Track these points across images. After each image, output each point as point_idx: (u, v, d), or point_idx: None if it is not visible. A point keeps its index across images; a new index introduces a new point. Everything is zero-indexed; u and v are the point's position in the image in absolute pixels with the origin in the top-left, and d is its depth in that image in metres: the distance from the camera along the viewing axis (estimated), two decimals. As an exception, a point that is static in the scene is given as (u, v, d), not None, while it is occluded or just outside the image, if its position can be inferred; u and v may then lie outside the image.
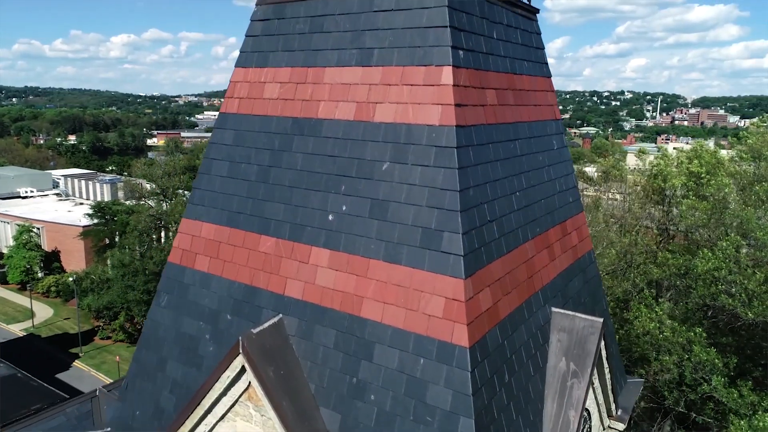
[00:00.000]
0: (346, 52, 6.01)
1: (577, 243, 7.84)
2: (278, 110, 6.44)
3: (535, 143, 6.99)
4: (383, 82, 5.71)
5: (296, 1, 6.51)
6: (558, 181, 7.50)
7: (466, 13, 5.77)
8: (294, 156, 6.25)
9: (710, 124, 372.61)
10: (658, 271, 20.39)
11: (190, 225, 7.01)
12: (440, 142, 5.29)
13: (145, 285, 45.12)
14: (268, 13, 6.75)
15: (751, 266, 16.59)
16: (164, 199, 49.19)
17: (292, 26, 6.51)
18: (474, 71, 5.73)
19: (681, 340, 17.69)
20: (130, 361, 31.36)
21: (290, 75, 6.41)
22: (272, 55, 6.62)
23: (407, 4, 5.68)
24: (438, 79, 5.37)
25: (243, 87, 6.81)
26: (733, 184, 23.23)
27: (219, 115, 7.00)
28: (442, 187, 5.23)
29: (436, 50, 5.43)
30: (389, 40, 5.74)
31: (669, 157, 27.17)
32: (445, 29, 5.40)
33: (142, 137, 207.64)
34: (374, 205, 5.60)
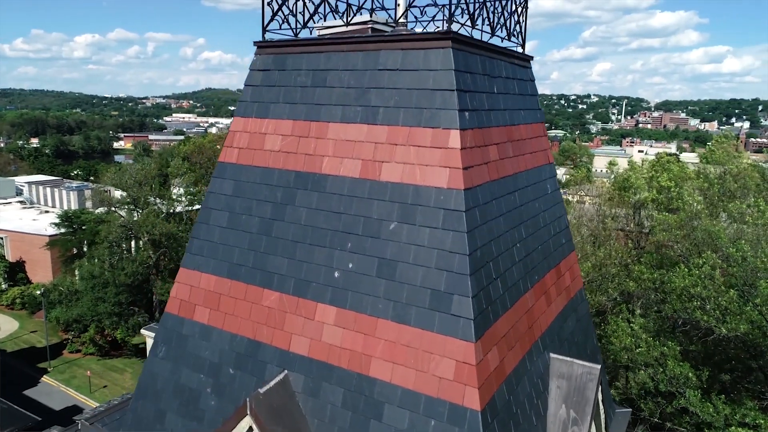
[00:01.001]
0: (350, 108, 6.03)
1: (570, 283, 8.00)
2: (280, 163, 6.43)
3: (532, 191, 7.11)
4: (389, 141, 5.75)
5: (297, 53, 6.51)
6: (552, 225, 7.64)
7: (470, 73, 5.86)
8: (297, 210, 6.24)
9: (672, 127, 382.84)
10: (634, 285, 20.87)
11: (188, 275, 6.93)
12: (449, 205, 5.35)
13: (116, 297, 44.23)
14: (268, 63, 6.73)
15: (722, 282, 17.11)
16: (135, 208, 48.28)
17: (293, 78, 6.50)
18: (478, 130, 5.82)
19: (656, 354, 18.16)
20: (101, 374, 30.55)
21: (292, 128, 6.40)
22: (273, 107, 6.60)
23: (413, 64, 5.74)
24: (446, 142, 5.44)
25: (243, 137, 6.77)
26: (699, 195, 23.95)
27: (217, 165, 6.94)
28: (450, 250, 5.29)
29: (443, 113, 5.50)
30: (395, 100, 5.78)
31: (637, 169, 27.83)
32: (452, 93, 5.48)
33: (108, 140, 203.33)
34: (382, 264, 5.63)
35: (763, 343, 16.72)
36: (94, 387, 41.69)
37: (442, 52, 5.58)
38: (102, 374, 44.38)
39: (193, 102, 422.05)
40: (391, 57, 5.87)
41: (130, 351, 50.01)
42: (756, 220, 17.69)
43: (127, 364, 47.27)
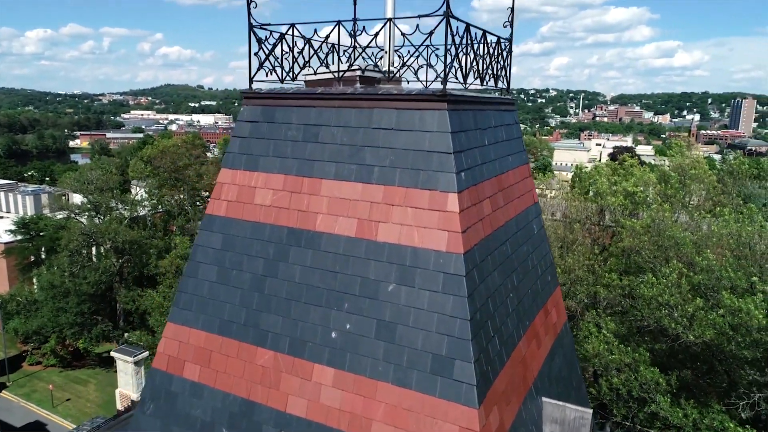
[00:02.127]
0: (344, 165, 5.96)
1: (556, 320, 8.12)
2: (271, 218, 6.31)
3: (521, 235, 7.18)
4: (385, 201, 5.70)
5: (287, 106, 6.39)
6: (539, 265, 7.74)
7: (464, 131, 5.85)
8: (291, 267, 6.14)
9: (628, 120, 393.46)
10: (604, 292, 21.36)
11: (176, 330, 6.76)
12: (448, 269, 5.35)
13: (78, 306, 42.98)
14: (256, 114, 6.59)
15: (688, 289, 17.67)
16: (96, 215, 46.94)
17: (283, 132, 6.38)
18: (473, 188, 5.83)
19: (627, 360, 18.66)
20: (64, 387, 29.65)
21: (284, 183, 6.29)
22: (263, 160, 6.47)
23: (408, 125, 5.70)
24: (444, 205, 5.43)
25: (231, 189, 6.62)
26: (659, 197, 24.67)
27: (205, 217, 6.77)
28: (451, 314, 5.29)
29: (441, 176, 5.48)
30: (390, 159, 5.74)
31: (603, 174, 28.43)
32: (449, 155, 5.46)
33: (63, 139, 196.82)
34: (380, 326, 5.60)
35: (726, 347, 17.33)
36: (56, 401, 40.48)
37: (438, 114, 5.56)
38: (65, 387, 43.11)
39: (152, 98, 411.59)
40: (385, 116, 5.82)
41: (94, 361, 48.72)
42: (721, 229, 18.30)
43: (91, 375, 46.04)
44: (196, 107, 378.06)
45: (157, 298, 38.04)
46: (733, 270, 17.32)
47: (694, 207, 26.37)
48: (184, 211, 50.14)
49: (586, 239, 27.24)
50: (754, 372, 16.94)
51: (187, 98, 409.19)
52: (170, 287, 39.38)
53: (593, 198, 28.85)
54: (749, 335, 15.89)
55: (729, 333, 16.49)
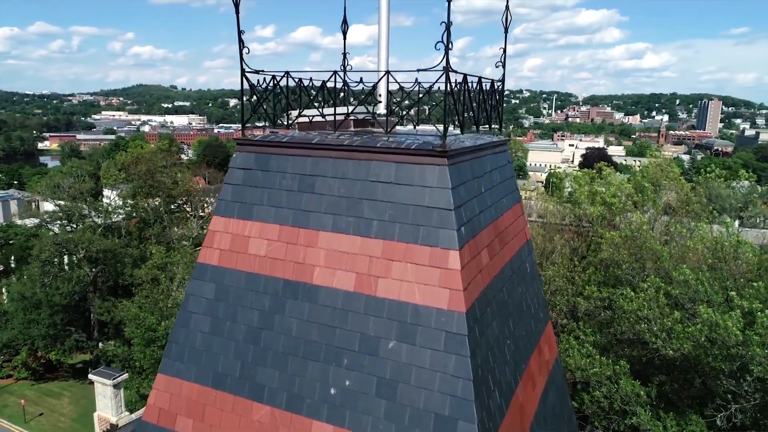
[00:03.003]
0: (342, 218, 5.88)
1: (548, 356, 8.16)
2: (267, 269, 6.19)
3: (516, 277, 7.18)
4: (385, 256, 5.64)
5: (281, 155, 6.28)
6: (533, 304, 7.75)
7: (463, 184, 5.82)
8: (288, 320, 6.03)
9: (599, 120, 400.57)
10: (585, 303, 21.62)
11: (168, 382, 6.59)
12: (450, 327, 5.30)
13: (50, 318, 41.99)
14: (249, 161, 6.46)
15: (666, 303, 17.98)
16: (69, 223, 45.92)
17: (278, 181, 6.27)
18: (472, 241, 5.80)
19: (608, 372, 18.92)
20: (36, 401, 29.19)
21: (279, 233, 6.18)
22: (257, 208, 6.34)
23: (407, 179, 5.65)
24: (445, 262, 5.38)
25: (224, 238, 6.48)
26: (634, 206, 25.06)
27: (197, 265, 6.62)
28: (454, 374, 5.25)
29: (442, 232, 5.44)
30: (389, 214, 5.67)
31: (582, 183, 28.77)
32: (450, 212, 5.42)
33: (32, 141, 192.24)
34: (381, 383, 5.53)
35: (704, 359, 17.67)
36: (29, 415, 39.50)
37: (438, 169, 5.52)
38: (37, 401, 42.07)
39: (123, 99, 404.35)
40: (384, 169, 5.75)
41: (67, 372, 47.70)
42: (696, 244, 18.66)
43: (65, 388, 45.05)
44: (170, 108, 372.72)
45: (133, 309, 37.32)
46: (708, 284, 17.69)
47: (664, 209, 26.93)
48: (160, 219, 49.34)
49: (565, 248, 27.55)
50: (731, 383, 17.30)
51: (160, 99, 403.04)
52: (146, 297, 38.71)
53: (572, 207, 29.19)
54: (726, 349, 16.23)
55: (706, 345, 16.82)
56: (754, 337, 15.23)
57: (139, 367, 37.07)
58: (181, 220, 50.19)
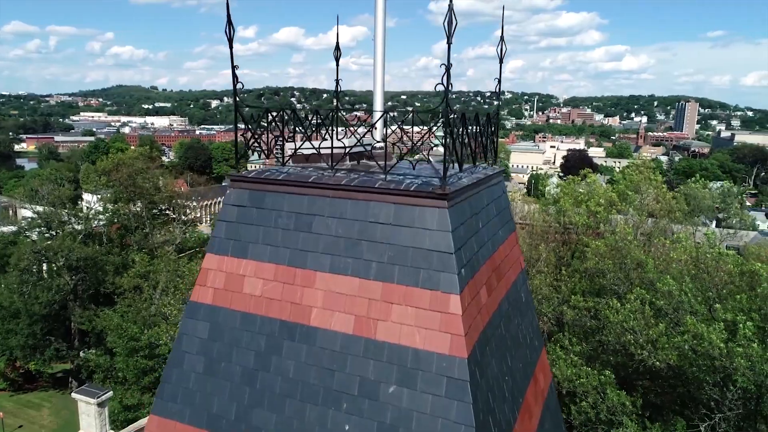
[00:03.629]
0: (340, 258, 5.79)
1: (543, 385, 8.15)
2: (262, 309, 6.08)
3: (512, 309, 7.15)
4: (384, 299, 5.57)
5: (277, 192, 6.17)
6: (528, 334, 7.74)
7: (462, 224, 5.78)
8: (285, 362, 5.93)
9: (580, 122, 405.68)
10: (571, 313, 21.76)
11: (161, 424, 6.44)
12: (452, 373, 5.25)
13: (29, 327, 41.24)
14: (244, 199, 6.35)
15: (652, 314, 18.17)
16: (48, 230, 45.10)
17: (273, 219, 6.17)
18: (471, 281, 5.75)
19: (594, 383, 19.05)
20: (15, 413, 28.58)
21: (275, 272, 6.07)
22: (252, 247, 6.23)
23: (406, 220, 5.58)
24: (446, 306, 5.33)
25: (218, 276, 6.36)
26: (622, 221, 25.30)
27: (189, 304, 6.48)
28: (456, 421, 5.19)
29: (442, 276, 5.38)
30: (388, 255, 5.60)
31: (568, 192, 28.98)
32: (450, 255, 5.37)
33: (8, 142, 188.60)
34: (381, 428, 5.45)
35: (689, 370, 17.88)
36: (8, 428, 38.74)
37: (438, 212, 5.46)
38: (16, 412, 41.28)
39: (102, 100, 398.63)
40: (383, 210, 5.68)
41: (47, 382, 46.92)
42: (680, 255, 18.87)
43: (44, 399, 44.28)
44: (150, 109, 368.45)
45: (115, 319, 36.78)
46: (692, 294, 17.91)
47: (647, 214, 27.29)
48: (142, 225, 48.71)
49: (551, 255, 27.72)
50: (714, 392, 17.52)
51: (141, 100, 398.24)
52: (129, 306, 38.18)
53: (556, 214, 29.37)
54: (710, 360, 16.43)
55: (691, 356, 17.02)
56: (738, 348, 15.44)
57: (121, 378, 36.56)
58: (164, 226, 49.59)
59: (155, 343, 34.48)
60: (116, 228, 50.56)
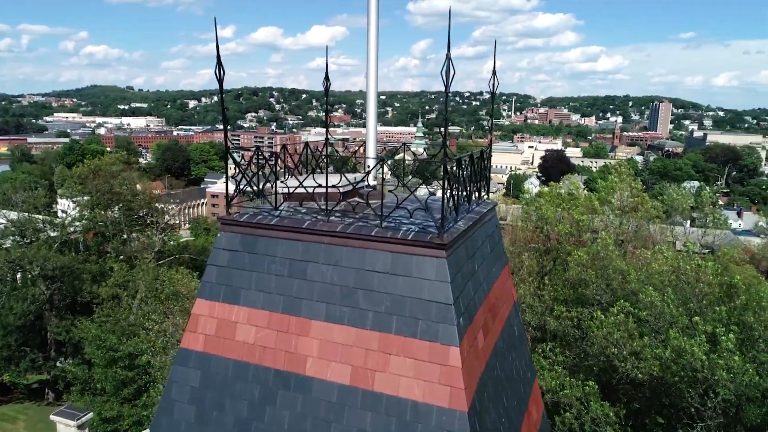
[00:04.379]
0: (336, 307, 5.68)
1: (536, 417, 8.13)
2: (256, 357, 5.95)
3: (506, 346, 7.11)
4: (382, 349, 5.47)
5: (270, 237, 6.04)
6: (521, 368, 7.70)
7: (460, 271, 5.71)
8: (279, 412, 5.80)
9: (557, 122, 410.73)
10: (555, 323, 21.90)
11: (151, 473, 6.27)
12: (452, 427, 5.17)
13: (3, 339, 40.27)
14: (235, 243, 6.20)
15: (635, 327, 18.36)
16: (23, 239, 44.07)
17: (266, 264, 6.03)
18: (470, 329, 5.69)
19: (578, 394, 19.20)
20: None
21: (268, 320, 5.94)
22: (244, 293, 6.09)
23: (404, 270, 5.50)
24: (446, 359, 5.25)
25: (209, 323, 6.20)
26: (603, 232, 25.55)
27: (179, 351, 6.31)
28: (456, 475, 5.12)
29: (441, 327, 5.31)
30: (386, 305, 5.51)
31: (548, 200, 29.14)
32: (450, 306, 5.30)
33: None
34: (380, 482, 5.36)
35: (671, 380, 18.12)
36: (-17, 443, 37.76)
37: (437, 262, 5.39)
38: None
39: (77, 100, 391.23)
40: (379, 258, 5.58)
41: (22, 394, 45.87)
42: (662, 266, 19.11)
43: (20, 411, 43.29)
44: (126, 109, 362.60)
45: (93, 329, 36.05)
46: (674, 306, 18.15)
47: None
48: (120, 232, 47.89)
49: (533, 263, 27.87)
50: (695, 401, 17.77)
51: (116, 100, 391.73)
52: (107, 316, 37.50)
53: (537, 221, 29.53)
54: (692, 372, 16.65)
55: (674, 368, 17.24)
56: (719, 361, 15.68)
57: (100, 389, 35.89)
58: (143, 232, 48.82)
59: (135, 354, 33.94)
60: (93, 235, 49.64)
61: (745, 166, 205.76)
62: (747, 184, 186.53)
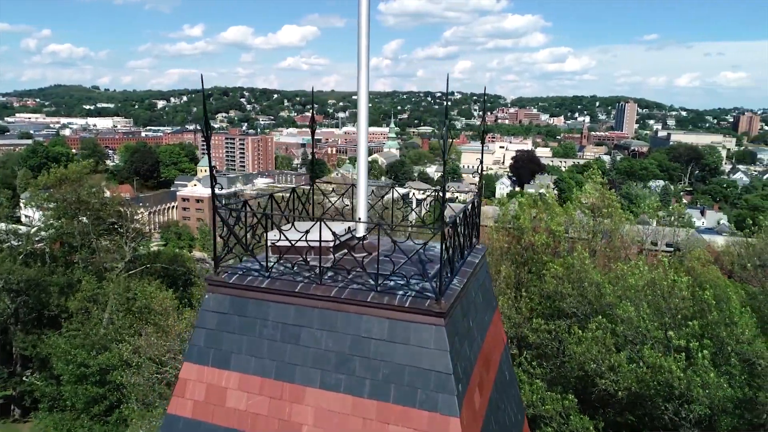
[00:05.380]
0: (331, 374, 5.53)
1: (527, 459, 8.10)
2: (248, 425, 5.75)
3: (500, 397, 7.05)
4: (380, 419, 5.34)
5: (261, 300, 5.85)
6: (513, 413, 7.67)
7: (458, 335, 5.62)
8: (273, 482, 5.63)
9: (527, 122, 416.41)
10: (533, 337, 22.03)
11: None
12: (452, 500, 5.08)
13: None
14: (224, 305, 5.99)
15: (612, 343, 18.59)
16: (-14, 250, 42.58)
17: (258, 329, 5.84)
18: (468, 391, 5.60)
19: (558, 408, 19.36)
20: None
21: (261, 386, 5.75)
22: (235, 357, 5.89)
23: (402, 337, 5.38)
24: (446, 429, 5.15)
25: (198, 388, 5.98)
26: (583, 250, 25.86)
27: (166, 417, 6.08)
28: None
29: (441, 398, 5.20)
30: (383, 374, 5.38)
31: (526, 210, 29.36)
32: (449, 376, 5.20)
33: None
34: None
35: (648, 393, 18.39)
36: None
37: (435, 330, 5.28)
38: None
39: (40, 100, 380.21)
40: (376, 325, 5.45)
41: (-14, 411, 44.36)
42: (638, 281, 19.38)
43: (-16, 428, 41.85)
44: (92, 110, 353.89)
45: (62, 344, 35.04)
46: (649, 320, 18.43)
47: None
48: (88, 242, 46.65)
49: (510, 275, 28.02)
50: (669, 413, 18.07)
51: (82, 100, 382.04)
52: (76, 330, 36.54)
53: (515, 231, 29.71)
54: (669, 387, 16.93)
55: (650, 384, 17.50)
56: (695, 378, 15.96)
57: (70, 407, 34.94)
58: (112, 243, 47.66)
59: (106, 369, 33.12)
60: (59, 245, 48.27)
61: (707, 165, 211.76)
62: (709, 183, 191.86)
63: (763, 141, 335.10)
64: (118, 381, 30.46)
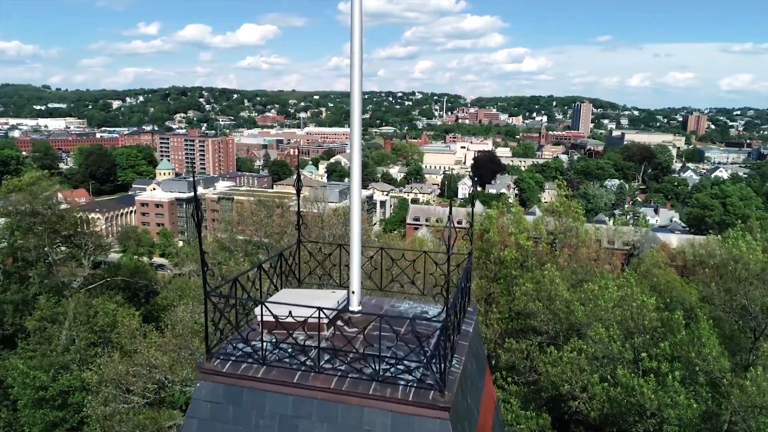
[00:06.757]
0: (333, 469, 5.37)
1: None
2: None
3: (493, 464, 7.02)
4: None
5: (257, 389, 5.64)
6: (505, 474, 7.65)
7: (459, 420, 5.53)
8: None
9: (486, 122, 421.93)
10: (506, 356, 22.26)
11: None
12: None
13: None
14: (218, 394, 5.76)
15: (586, 363, 18.93)
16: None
17: (253, 420, 5.63)
18: (470, 479, 5.54)
19: (533, 426, 19.61)
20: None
21: (258, 480, 5.55)
22: (230, 448, 5.67)
23: (405, 431, 5.26)
24: None
25: (191, 478, 5.74)
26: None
27: None
28: None
29: (446, 492, 5.11)
30: (387, 461, 5.26)
31: (494, 223, 29.69)
32: (455, 472, 5.12)
33: None
34: None
35: (618, 411, 18.80)
36: None
37: (439, 423, 5.19)
38: None
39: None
40: (378, 417, 5.32)
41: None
42: (607, 303, 19.78)
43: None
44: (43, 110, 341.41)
45: (20, 366, 33.59)
46: (620, 342, 18.83)
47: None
48: (44, 256, 44.87)
49: (481, 291, 28.26)
50: (641, 430, 18.52)
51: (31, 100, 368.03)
52: (34, 351, 35.11)
53: (484, 245, 30.00)
54: (641, 408, 17.33)
55: (623, 404, 17.88)
56: (667, 399, 16.38)
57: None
58: (70, 256, 45.99)
59: (66, 390, 31.95)
60: (12, 260, 46.28)
61: (659, 163, 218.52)
62: (661, 182, 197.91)
63: (710, 140, 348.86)
64: (79, 402, 29.43)
